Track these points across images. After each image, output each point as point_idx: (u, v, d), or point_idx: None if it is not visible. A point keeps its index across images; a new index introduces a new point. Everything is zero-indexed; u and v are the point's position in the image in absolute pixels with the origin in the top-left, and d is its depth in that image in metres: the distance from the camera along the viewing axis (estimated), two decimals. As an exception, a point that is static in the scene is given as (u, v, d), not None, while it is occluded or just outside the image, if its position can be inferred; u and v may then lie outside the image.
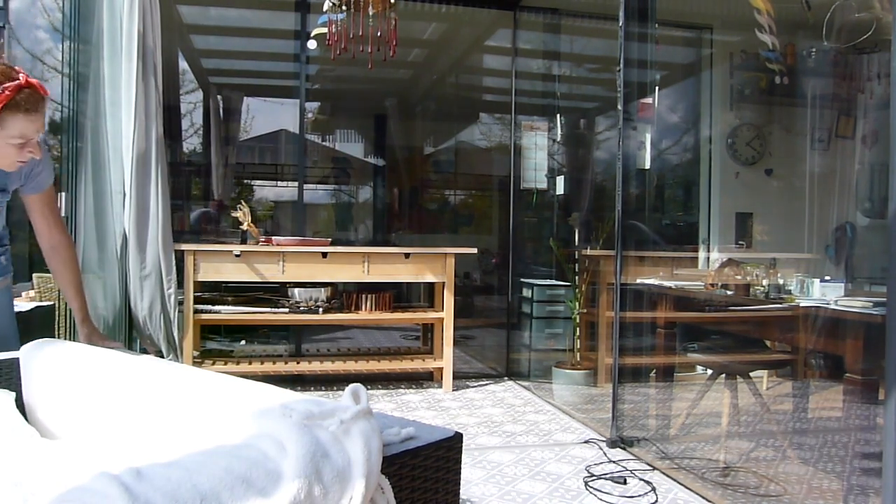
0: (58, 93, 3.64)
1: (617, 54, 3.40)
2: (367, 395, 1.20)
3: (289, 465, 0.99)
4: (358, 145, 8.31)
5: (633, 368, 3.94)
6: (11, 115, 1.63)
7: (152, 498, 0.86)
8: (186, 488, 0.89)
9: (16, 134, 1.66)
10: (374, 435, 1.07)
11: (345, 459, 1.04)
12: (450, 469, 1.19)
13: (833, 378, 3.40)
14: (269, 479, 0.98)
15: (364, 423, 1.09)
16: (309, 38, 3.40)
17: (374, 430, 1.08)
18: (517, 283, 5.20)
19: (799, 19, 4.06)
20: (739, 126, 5.14)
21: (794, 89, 4.85)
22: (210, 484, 0.92)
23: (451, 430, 1.22)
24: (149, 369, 1.61)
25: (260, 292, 4.55)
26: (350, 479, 1.02)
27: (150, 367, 1.62)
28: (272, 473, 0.98)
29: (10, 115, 1.62)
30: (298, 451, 1.02)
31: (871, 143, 4.51)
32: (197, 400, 1.44)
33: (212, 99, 6.36)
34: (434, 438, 1.19)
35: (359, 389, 1.18)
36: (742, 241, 5.06)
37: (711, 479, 2.83)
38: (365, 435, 1.06)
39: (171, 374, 1.58)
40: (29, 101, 1.64)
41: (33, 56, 4.37)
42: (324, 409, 1.13)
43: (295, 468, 0.99)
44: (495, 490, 2.64)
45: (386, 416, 1.35)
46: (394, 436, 1.18)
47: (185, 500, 0.88)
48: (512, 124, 5.19)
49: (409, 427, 1.21)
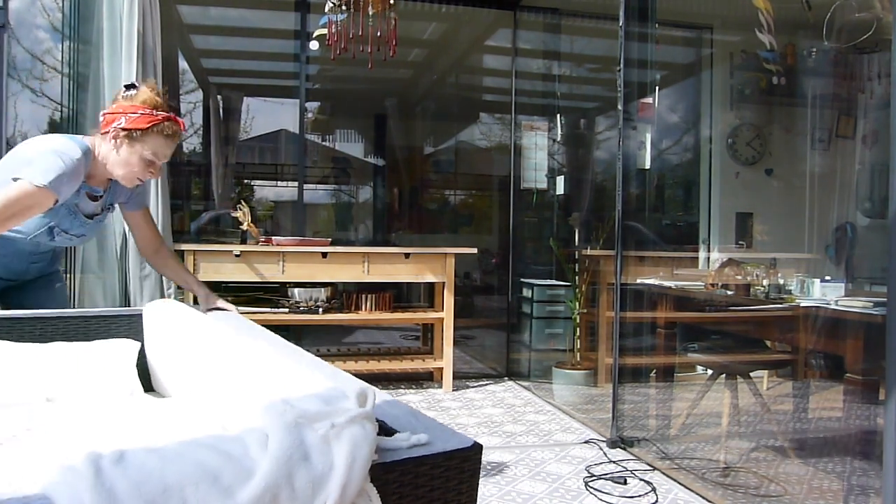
0: (58, 93, 3.64)
1: (617, 54, 3.40)
2: (375, 398, 1.18)
3: (262, 466, 0.98)
4: (358, 145, 8.31)
5: (634, 368, 3.93)
6: (154, 136, 1.93)
7: (118, 485, 0.86)
8: (154, 479, 0.89)
9: (151, 151, 1.95)
10: (365, 442, 1.05)
11: (326, 465, 1.02)
12: (464, 481, 1.13)
13: (833, 378, 3.40)
14: (239, 478, 0.96)
15: (357, 428, 1.06)
16: (311, 38, 3.40)
17: (366, 438, 1.05)
18: (517, 283, 5.20)
19: (799, 19, 4.05)
20: (739, 126, 5.14)
21: (795, 89, 4.84)
22: (177, 477, 0.91)
23: (470, 439, 1.16)
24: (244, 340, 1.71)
25: (260, 292, 4.55)
26: (325, 487, 1.00)
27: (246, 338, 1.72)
28: (244, 472, 0.97)
29: (154, 135, 1.93)
30: (276, 453, 1.01)
31: (871, 143, 4.51)
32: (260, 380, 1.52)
33: (212, 99, 6.36)
34: (446, 448, 1.13)
35: (367, 391, 1.17)
36: (742, 241, 5.05)
37: (712, 480, 2.83)
38: (354, 441, 1.04)
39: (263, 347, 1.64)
40: (171, 128, 1.96)
41: (33, 56, 4.36)
42: (324, 408, 1.11)
43: (267, 470, 0.97)
44: (495, 490, 2.64)
45: (416, 414, 1.31)
46: (401, 441, 1.15)
47: (149, 491, 0.87)
48: (512, 124, 5.19)
49: (422, 434, 1.17)
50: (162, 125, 1.93)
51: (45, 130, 4.60)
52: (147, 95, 1.96)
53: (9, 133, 3.70)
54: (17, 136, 4.43)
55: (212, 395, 1.72)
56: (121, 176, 1.98)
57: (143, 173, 1.98)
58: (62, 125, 3.70)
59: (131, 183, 2.01)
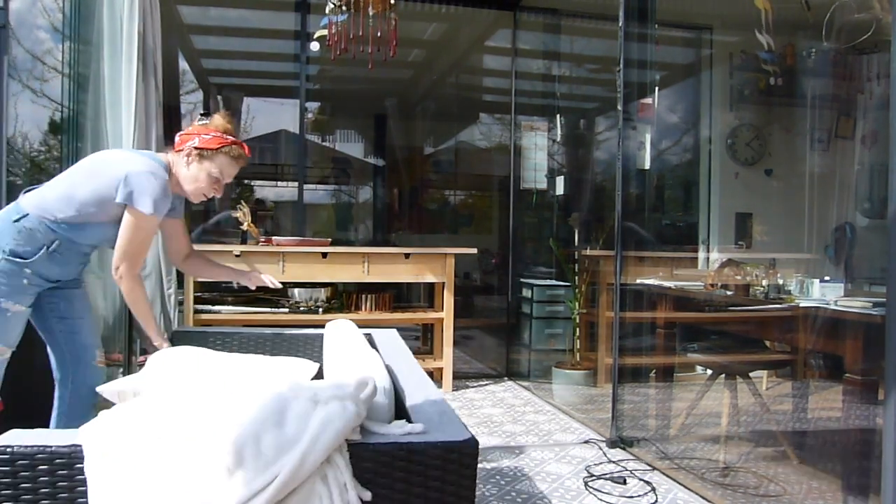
0: (58, 93, 3.64)
1: (617, 54, 3.40)
2: (374, 388, 1.26)
3: (236, 425, 1.13)
4: (358, 145, 8.31)
5: (633, 368, 3.93)
6: (223, 156, 2.15)
7: None
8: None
9: (218, 170, 2.16)
10: (339, 419, 1.14)
11: (298, 432, 1.13)
12: (461, 474, 1.16)
13: (833, 378, 3.40)
14: (216, 434, 1.12)
15: (335, 405, 1.16)
16: (312, 39, 3.41)
17: (342, 415, 1.15)
18: (517, 283, 5.20)
19: (799, 19, 4.05)
20: (739, 126, 5.14)
21: (794, 90, 4.84)
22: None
23: (468, 434, 1.20)
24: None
25: (260, 292, 4.54)
26: (289, 452, 1.10)
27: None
28: (222, 430, 1.13)
29: (223, 156, 2.15)
30: (252, 415, 1.14)
31: (870, 143, 4.51)
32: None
33: (212, 99, 6.36)
34: (441, 439, 1.18)
35: (368, 381, 1.26)
36: (742, 242, 5.05)
37: (711, 480, 2.83)
38: (328, 416, 1.14)
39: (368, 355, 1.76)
40: (237, 151, 2.19)
41: (33, 56, 4.36)
42: (321, 386, 1.23)
43: (239, 429, 1.12)
44: (495, 490, 2.64)
45: (445, 410, 1.36)
46: (395, 428, 1.22)
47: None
48: (512, 124, 5.19)
49: (419, 424, 1.23)
50: (230, 147, 2.15)
51: (45, 131, 4.60)
52: (219, 122, 2.19)
53: (9, 133, 3.70)
54: (18, 137, 4.43)
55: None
56: (190, 191, 2.18)
57: (209, 189, 2.18)
58: (62, 126, 3.70)
59: (197, 198, 2.21)
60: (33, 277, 2.04)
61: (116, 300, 3.95)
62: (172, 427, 1.16)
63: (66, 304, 2.20)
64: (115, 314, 3.99)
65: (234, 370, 1.90)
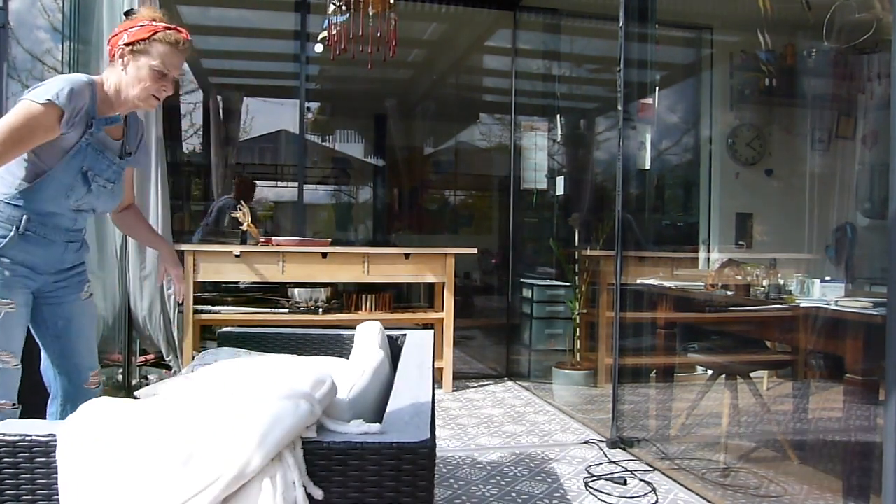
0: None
1: (617, 54, 3.40)
2: (331, 386, 1.29)
3: (189, 423, 1.19)
4: (358, 145, 8.30)
5: (633, 369, 3.93)
6: (158, 44, 1.91)
7: None
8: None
9: (158, 61, 1.92)
10: (290, 417, 1.16)
11: (247, 430, 1.15)
12: (417, 475, 1.17)
13: (833, 378, 3.39)
14: (171, 432, 1.18)
15: (288, 404, 1.18)
16: (315, 41, 3.40)
17: (294, 413, 1.17)
18: (517, 284, 5.19)
19: (799, 19, 4.05)
20: (739, 126, 5.14)
21: (794, 89, 4.84)
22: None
23: (425, 436, 1.20)
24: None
25: (260, 293, 4.54)
26: (237, 450, 1.13)
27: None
28: (177, 428, 1.18)
29: (157, 43, 1.91)
30: (207, 412, 1.19)
31: (871, 143, 4.51)
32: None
33: (212, 99, 6.35)
34: (395, 440, 1.19)
35: (324, 380, 1.28)
36: (742, 242, 5.05)
37: (711, 480, 2.83)
38: (279, 414, 1.16)
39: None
40: (176, 37, 1.94)
41: (33, 56, 4.36)
42: (276, 385, 1.26)
43: (191, 426, 1.18)
44: (495, 490, 2.64)
45: (419, 412, 1.36)
46: (352, 427, 1.24)
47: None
48: (512, 124, 5.19)
49: (376, 425, 1.24)
50: (164, 33, 1.92)
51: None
52: (145, 12, 1.99)
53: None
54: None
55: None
56: (136, 96, 1.94)
57: (158, 89, 1.95)
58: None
59: (148, 103, 1.97)
60: (14, 267, 1.86)
61: (116, 300, 3.95)
62: (140, 423, 1.20)
63: (63, 323, 2.04)
64: (114, 314, 3.98)
65: (246, 371, 1.91)
